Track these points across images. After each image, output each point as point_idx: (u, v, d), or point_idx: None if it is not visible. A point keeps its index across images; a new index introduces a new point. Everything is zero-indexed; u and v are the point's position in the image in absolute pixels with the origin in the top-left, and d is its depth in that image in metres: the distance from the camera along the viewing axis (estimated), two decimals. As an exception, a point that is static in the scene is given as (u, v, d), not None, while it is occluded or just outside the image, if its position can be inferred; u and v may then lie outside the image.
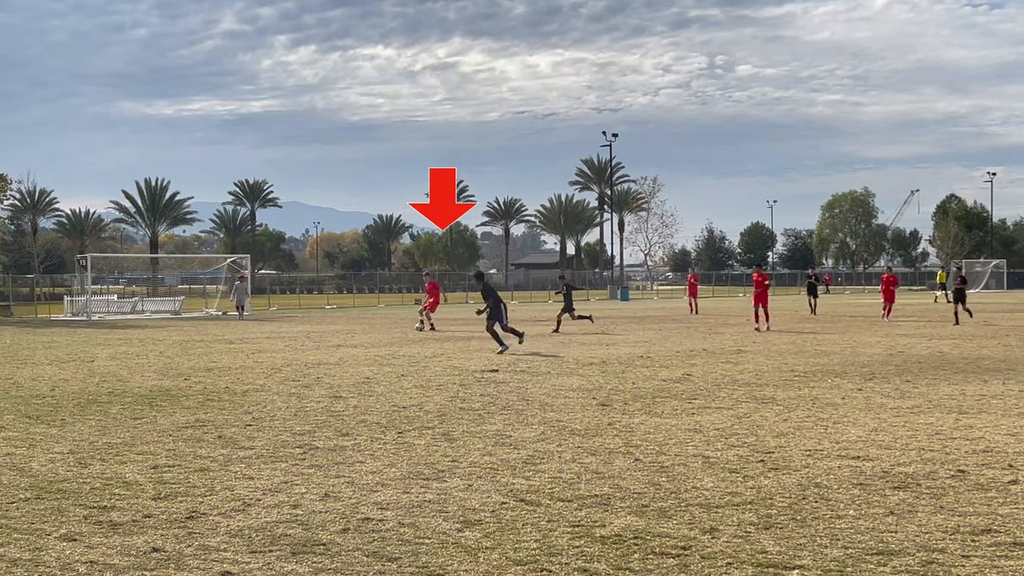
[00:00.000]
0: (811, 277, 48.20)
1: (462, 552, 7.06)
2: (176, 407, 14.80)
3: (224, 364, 22.07)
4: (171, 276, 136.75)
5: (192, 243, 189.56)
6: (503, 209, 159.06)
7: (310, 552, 7.08)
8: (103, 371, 20.60)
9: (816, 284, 47.36)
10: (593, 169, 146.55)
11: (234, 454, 10.87)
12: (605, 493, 8.79)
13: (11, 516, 8.13)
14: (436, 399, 15.45)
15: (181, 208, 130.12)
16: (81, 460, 10.57)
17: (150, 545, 7.25)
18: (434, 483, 9.28)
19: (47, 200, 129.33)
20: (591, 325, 36.00)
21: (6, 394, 16.67)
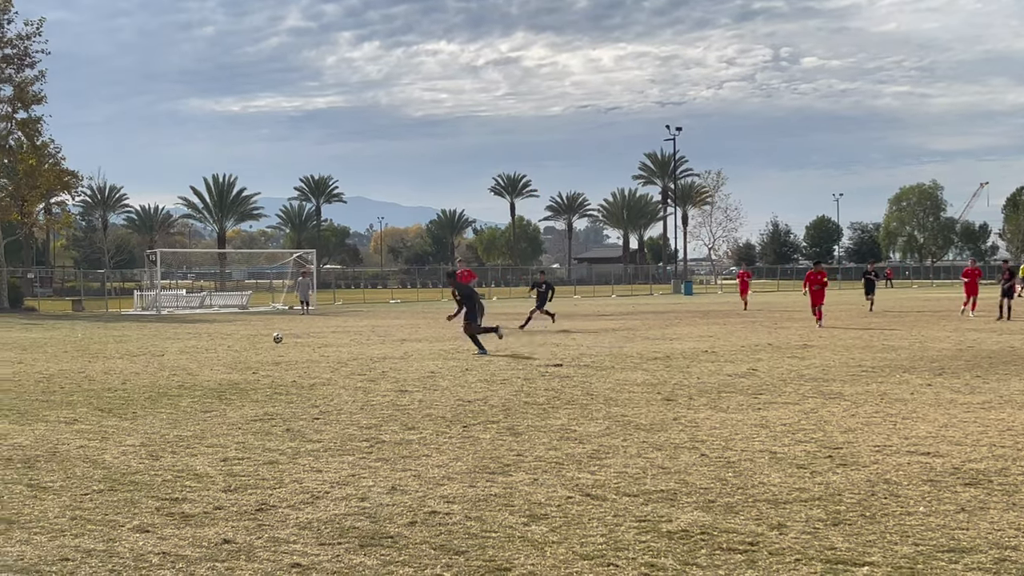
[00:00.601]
0: (869, 273, 46.73)
1: (528, 546, 7.08)
2: (245, 400, 14.99)
3: (291, 358, 22.29)
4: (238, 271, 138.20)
5: (259, 238, 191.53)
6: (566, 203, 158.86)
7: (378, 545, 7.14)
8: (173, 365, 20.90)
9: (874, 280, 46.15)
10: (656, 163, 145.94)
11: (302, 447, 10.98)
12: (671, 488, 8.77)
13: (85, 507, 8.28)
14: (501, 393, 15.50)
15: (248, 204, 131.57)
16: (152, 452, 10.74)
17: (221, 537, 7.36)
18: (500, 477, 9.32)
19: (117, 196, 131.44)
20: (551, 323, 34.99)
21: (79, 387, 16.98)
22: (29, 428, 12.48)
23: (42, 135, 59.29)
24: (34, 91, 57.57)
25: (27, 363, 21.71)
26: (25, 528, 7.62)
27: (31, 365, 21.21)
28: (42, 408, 14.36)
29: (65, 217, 75.43)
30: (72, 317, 48.75)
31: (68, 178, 62.32)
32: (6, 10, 56.30)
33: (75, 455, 10.62)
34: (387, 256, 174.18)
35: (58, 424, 12.80)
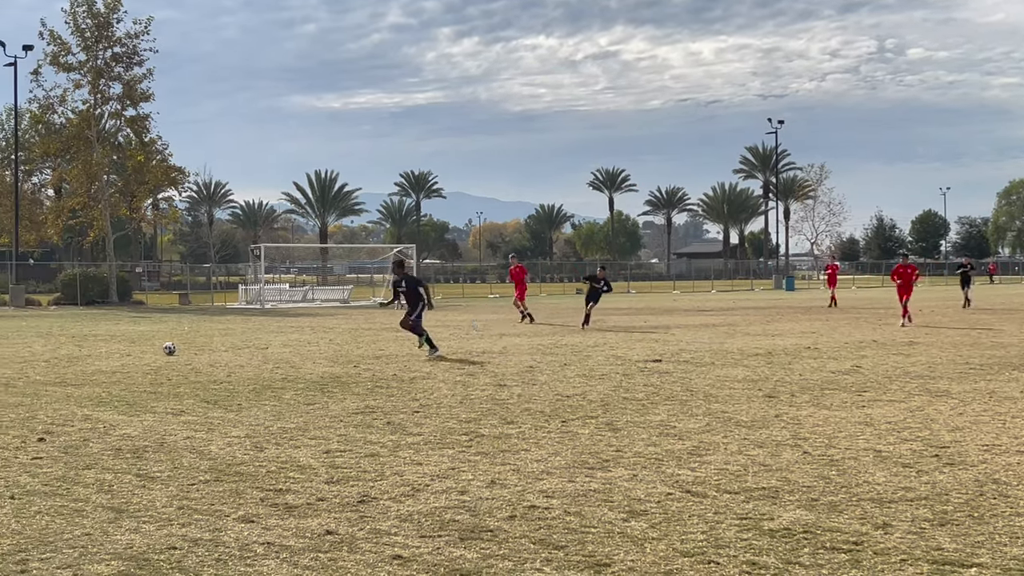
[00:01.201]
0: (965, 266, 45.21)
1: (628, 542, 7.05)
2: (346, 393, 15.17)
3: (391, 352, 22.50)
4: (340, 265, 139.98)
5: (359, 233, 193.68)
6: (665, 198, 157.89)
7: (478, 538, 7.17)
8: (276, 358, 21.23)
9: (970, 274, 44.65)
10: (758, 157, 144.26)
11: (403, 440, 11.08)
12: (773, 486, 8.67)
13: (192, 497, 8.45)
14: (599, 388, 15.46)
15: (349, 199, 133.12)
16: (257, 444, 10.92)
17: (324, 528, 7.46)
18: (599, 472, 9.30)
19: (222, 192, 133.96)
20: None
21: (185, 379, 17.34)
22: (138, 419, 12.78)
23: (150, 132, 60.71)
24: (142, 89, 58.92)
25: (136, 356, 22.24)
26: (134, 517, 7.80)
27: (139, 358, 21.72)
28: (150, 400, 14.70)
29: (172, 212, 77.10)
30: (179, 311, 49.82)
31: (175, 174, 63.70)
32: (115, 9, 57.66)
33: (182, 446, 10.85)
34: (486, 251, 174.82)
35: (166, 415, 13.09)
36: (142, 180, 61.54)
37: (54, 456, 10.29)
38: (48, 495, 8.53)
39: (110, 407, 13.91)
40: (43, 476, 9.31)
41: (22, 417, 12.98)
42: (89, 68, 57.59)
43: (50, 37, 57.05)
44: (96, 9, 57.18)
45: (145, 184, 62.44)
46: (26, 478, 9.22)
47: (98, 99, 58.73)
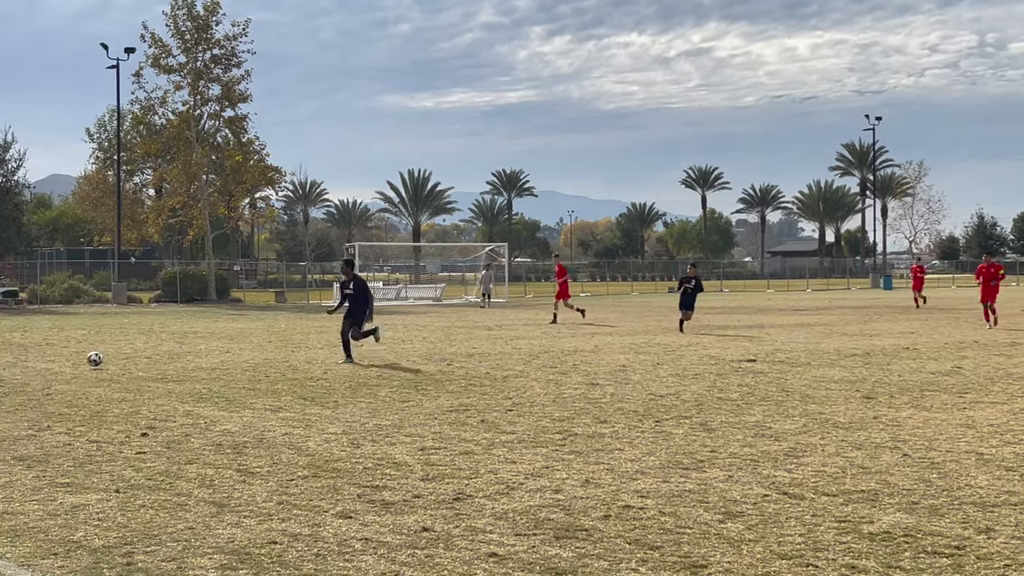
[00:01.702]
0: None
1: (724, 543, 7.01)
2: (440, 391, 15.28)
3: (484, 350, 22.60)
4: (432, 264, 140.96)
5: (452, 232, 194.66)
6: (759, 196, 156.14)
7: (573, 537, 7.18)
8: (371, 356, 21.43)
9: None
10: (854, 153, 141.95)
11: (496, 438, 11.13)
12: (872, 489, 8.55)
13: (291, 493, 8.59)
14: (693, 388, 15.37)
15: (442, 198, 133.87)
16: (353, 441, 11.06)
17: (420, 525, 7.53)
18: (694, 473, 9.25)
19: (317, 191, 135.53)
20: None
21: (283, 376, 17.60)
22: (237, 415, 13.02)
23: (248, 132, 61.65)
24: (240, 90, 59.85)
25: (234, 352, 22.63)
26: (235, 511, 7.95)
27: (238, 355, 22.10)
28: (249, 396, 14.95)
29: (269, 211, 78.26)
30: (275, 308, 50.56)
31: (272, 174, 64.69)
32: (215, 12, 58.68)
33: (281, 442, 11.03)
34: (577, 249, 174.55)
35: (264, 412, 13.31)
36: (240, 180, 62.56)
37: (157, 451, 10.53)
38: (152, 489, 8.73)
39: (210, 403, 14.18)
40: (147, 470, 9.53)
41: (126, 412, 13.30)
42: (189, 70, 58.69)
43: (151, 40, 58.24)
44: (196, 12, 58.26)
45: (243, 184, 63.46)
46: (130, 472, 9.45)
47: (198, 100, 59.83)
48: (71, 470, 9.57)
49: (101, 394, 15.21)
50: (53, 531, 7.41)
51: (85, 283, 58.31)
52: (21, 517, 7.80)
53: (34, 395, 15.15)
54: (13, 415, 13.11)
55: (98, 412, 13.33)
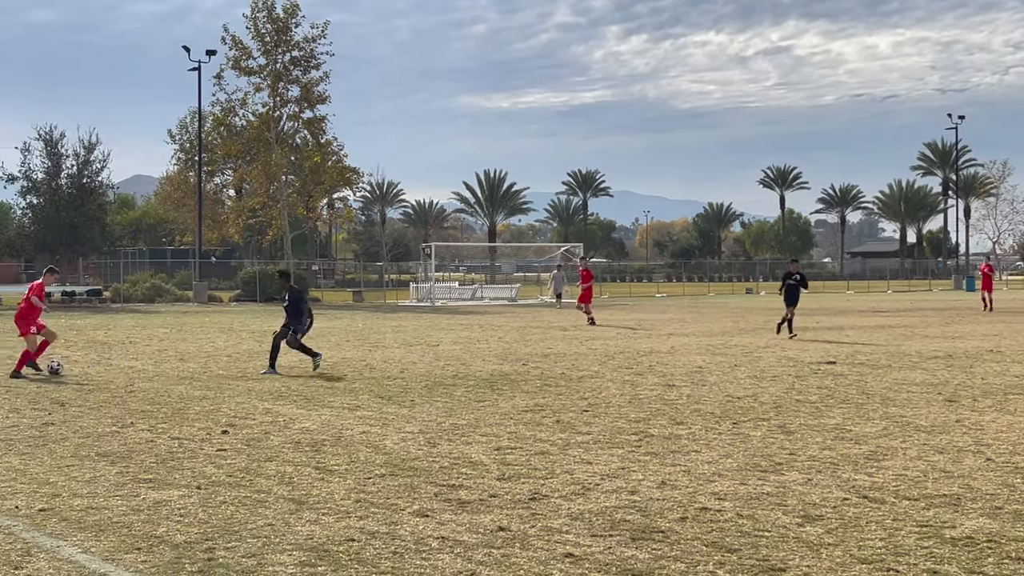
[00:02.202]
0: None
1: (803, 547, 6.94)
2: (516, 391, 15.30)
3: (559, 350, 22.58)
4: (507, 264, 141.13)
5: (527, 232, 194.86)
6: (838, 196, 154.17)
7: (649, 539, 7.15)
8: (447, 355, 21.54)
9: None
10: (936, 153, 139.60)
11: (572, 438, 11.12)
12: (954, 493, 8.40)
13: (368, 491, 8.66)
14: (771, 390, 15.23)
15: (517, 198, 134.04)
16: (430, 440, 11.11)
17: (496, 524, 7.55)
18: (772, 476, 9.17)
19: (394, 192, 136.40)
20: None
21: (360, 375, 17.75)
22: (316, 413, 13.15)
23: (326, 134, 62.23)
24: (319, 91, 60.43)
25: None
26: (314, 509, 8.03)
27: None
28: (327, 394, 15.10)
29: (347, 212, 78.92)
30: (353, 308, 50.98)
31: (350, 175, 65.22)
32: (294, 14, 59.31)
33: (358, 440, 11.12)
34: (652, 250, 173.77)
35: (342, 410, 13.43)
36: (318, 180, 63.16)
37: (237, 448, 10.68)
38: (232, 486, 8.85)
39: (289, 401, 14.34)
40: (227, 467, 9.67)
41: (207, 410, 13.50)
42: (269, 72, 59.39)
43: (232, 42, 59.04)
44: (276, 14, 58.94)
45: (321, 184, 64.06)
46: (211, 469, 9.59)
47: (277, 102, 60.53)
48: (154, 466, 9.74)
49: (183, 392, 15.46)
50: (136, 526, 7.55)
51: (167, 282, 59.30)
52: (105, 512, 7.96)
53: (118, 392, 15.44)
54: (97, 412, 13.38)
55: (180, 409, 13.55)
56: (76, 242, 58.88)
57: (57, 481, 9.07)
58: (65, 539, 7.22)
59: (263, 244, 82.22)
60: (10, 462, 9.98)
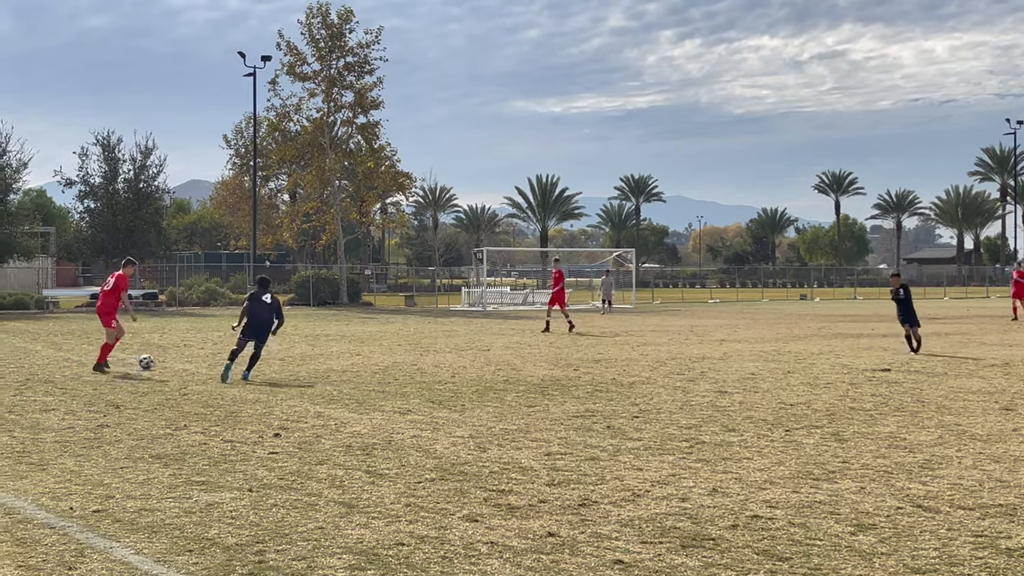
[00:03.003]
0: None
1: (856, 556, 6.86)
2: (567, 397, 15.27)
3: (611, 356, 22.52)
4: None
5: (579, 237, 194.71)
6: (894, 201, 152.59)
7: (699, 546, 7.11)
8: (498, 360, 21.56)
9: None
10: (994, 158, 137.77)
11: (623, 444, 11.08)
12: (1011, 503, 8.27)
13: (419, 495, 8.67)
14: (824, 397, 15.09)
15: (569, 203, 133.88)
16: (480, 444, 11.12)
17: (546, 530, 7.53)
18: (824, 484, 9.08)
19: (447, 196, 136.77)
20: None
21: (411, 379, 17.80)
22: (367, 417, 13.20)
23: (379, 139, 62.58)
24: (373, 96, 60.77)
25: (364, 355, 22.96)
26: (364, 512, 8.06)
27: (368, 357, 22.41)
28: (378, 398, 15.15)
29: (400, 216, 79.42)
30: (404, 312, 51.15)
31: (403, 180, 65.53)
32: (348, 20, 59.70)
33: (409, 444, 11.15)
34: (706, 255, 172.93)
35: (393, 414, 13.47)
36: (372, 185, 63.56)
37: (289, 451, 10.74)
38: (283, 489, 8.91)
39: (341, 405, 14.41)
40: (278, 470, 9.73)
41: (259, 413, 13.60)
42: (323, 77, 59.82)
43: (287, 48, 59.55)
44: (330, 20, 59.36)
45: (374, 189, 64.47)
46: (263, 472, 9.65)
47: (331, 107, 60.95)
48: (206, 469, 9.82)
49: (236, 395, 15.58)
50: (188, 528, 7.61)
51: (222, 286, 59.82)
52: (158, 514, 8.03)
53: (171, 395, 15.60)
54: (151, 414, 13.52)
55: (232, 412, 13.66)
56: (132, 246, 59.39)
57: (111, 483, 9.18)
58: (118, 540, 7.30)
59: (317, 248, 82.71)
60: (65, 464, 10.11)
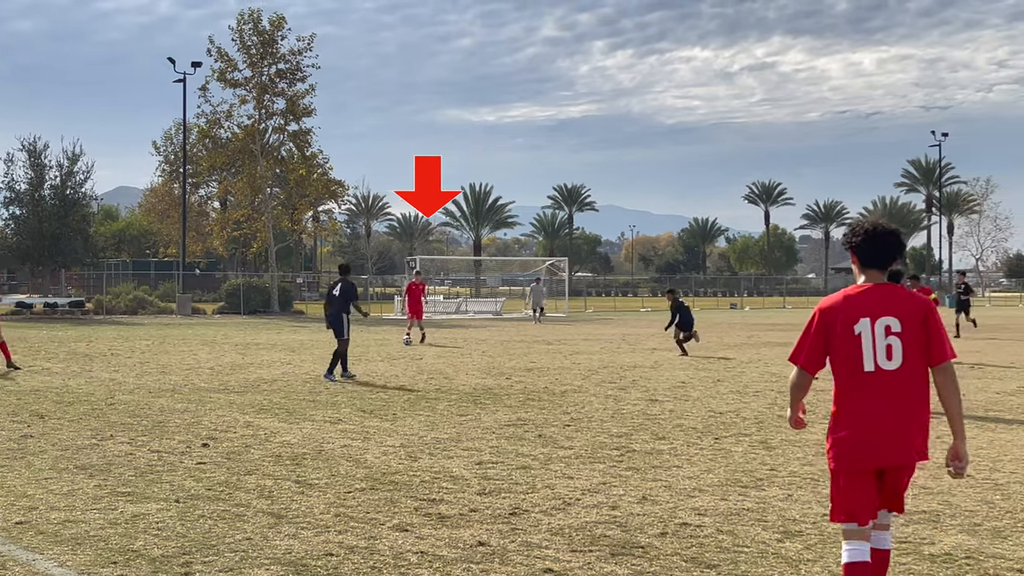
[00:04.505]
0: None
1: (783, 563, 6.93)
2: (499, 405, 15.27)
3: (543, 364, 22.57)
4: (492, 278, 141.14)
5: (512, 246, 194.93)
6: (822, 212, 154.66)
7: (629, 554, 7.14)
8: (431, 369, 21.51)
9: None
10: (920, 170, 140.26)
11: (554, 453, 11.11)
12: (934, 509, 8.42)
13: (348, 505, 8.62)
14: (753, 406, 15.24)
15: (503, 212, 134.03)
16: (411, 454, 11.08)
17: (476, 539, 7.52)
18: (752, 491, 9.17)
19: (380, 204, 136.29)
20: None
21: (343, 388, 17.70)
22: (297, 427, 13.10)
23: (311, 146, 62.20)
24: (305, 104, 60.40)
25: (295, 364, 22.79)
26: (293, 523, 8.00)
27: (299, 366, 22.25)
28: (309, 408, 15.05)
29: (332, 224, 78.94)
30: (336, 320, 50.83)
31: (335, 187, 65.26)
32: (280, 27, 59.31)
33: (339, 454, 11.08)
34: (638, 264, 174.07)
35: (324, 424, 13.39)
36: (304, 193, 63.17)
37: (217, 461, 10.63)
38: (211, 499, 8.81)
39: (271, 414, 14.29)
40: (206, 481, 9.62)
41: (187, 423, 13.44)
42: (254, 84, 59.36)
43: (218, 54, 58.99)
44: (262, 27, 58.94)
45: (306, 197, 64.09)
46: (191, 482, 9.54)
47: (262, 114, 60.49)
48: (132, 479, 9.69)
49: (163, 404, 15.39)
50: (113, 540, 7.50)
51: (150, 294, 59.10)
52: (83, 525, 7.90)
53: (98, 405, 15.37)
54: (77, 424, 13.31)
55: (160, 422, 13.49)
56: (59, 253, 58.62)
57: (35, 494, 9.01)
58: (41, 552, 7.17)
59: (248, 256, 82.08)
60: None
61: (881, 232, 5.56)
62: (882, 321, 5.42)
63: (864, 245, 5.57)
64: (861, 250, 5.59)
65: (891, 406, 5.42)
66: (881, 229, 5.58)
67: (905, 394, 5.42)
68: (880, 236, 5.56)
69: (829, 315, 5.60)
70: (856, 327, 5.47)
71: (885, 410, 5.42)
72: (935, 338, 5.43)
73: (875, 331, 5.43)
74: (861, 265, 5.62)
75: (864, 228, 5.61)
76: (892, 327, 5.41)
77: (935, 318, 5.49)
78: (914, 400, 5.45)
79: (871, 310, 5.48)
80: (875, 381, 5.44)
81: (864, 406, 5.46)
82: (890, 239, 5.56)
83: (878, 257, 5.58)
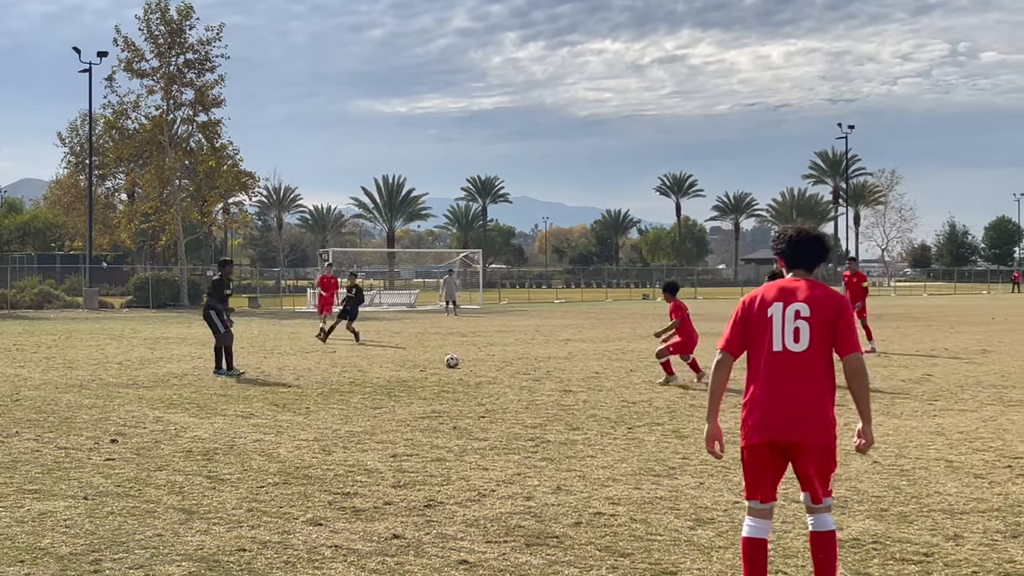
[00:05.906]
0: None
1: (695, 550, 7.02)
2: (413, 398, 15.24)
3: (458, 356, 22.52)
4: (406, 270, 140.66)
5: (426, 238, 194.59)
6: (732, 203, 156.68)
7: (543, 544, 7.18)
8: (344, 362, 21.39)
9: None
10: (827, 162, 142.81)
11: (469, 445, 11.12)
12: (842, 496, 8.57)
13: (261, 500, 8.55)
14: (665, 395, 15.40)
15: (416, 204, 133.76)
16: (325, 447, 11.02)
17: (391, 532, 7.51)
18: (665, 480, 9.27)
19: (292, 197, 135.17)
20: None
21: (255, 382, 17.52)
22: (208, 422, 12.95)
23: (221, 137, 61.45)
24: (214, 95, 59.67)
25: (206, 359, 22.49)
26: (204, 519, 7.91)
27: (209, 361, 21.93)
28: (220, 402, 14.88)
29: (242, 217, 77.97)
30: (248, 314, 50.34)
31: (245, 179, 64.43)
32: (188, 16, 58.47)
33: (251, 448, 10.98)
34: (551, 256, 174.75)
35: (235, 418, 13.25)
36: (213, 185, 62.33)
37: (126, 457, 10.47)
38: (120, 496, 8.67)
39: (181, 409, 14.11)
40: (115, 477, 9.47)
41: (95, 419, 13.21)
42: (162, 74, 58.46)
43: (124, 44, 58.00)
44: (169, 16, 58.05)
45: (216, 189, 63.22)
46: (99, 479, 9.38)
47: (171, 105, 59.62)
48: (39, 476, 9.50)
49: (71, 400, 15.11)
50: (20, 538, 7.35)
51: (56, 288, 57.92)
52: (-13, 524, 7.73)
53: (3, 401, 15.03)
54: (-19, 421, 13.00)
55: (67, 418, 13.23)
56: (-40, 247, 57.19)
57: (-63, 493, 8.79)
58: (-56, 553, 7.00)
59: (156, 249, 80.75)
60: None
61: (804, 237, 5.90)
62: (793, 307, 5.69)
63: (789, 251, 5.92)
64: (787, 255, 5.93)
65: (793, 385, 5.62)
66: (804, 234, 5.92)
67: (808, 375, 5.62)
68: (803, 241, 5.89)
69: (750, 302, 5.88)
70: (769, 310, 5.76)
71: (786, 388, 5.62)
72: (844, 332, 5.65)
73: (785, 314, 5.68)
74: (787, 268, 5.96)
75: (788, 235, 5.96)
76: (802, 312, 5.66)
77: (848, 313, 5.73)
78: (816, 382, 5.64)
79: (786, 297, 5.75)
80: (781, 361, 5.66)
81: (768, 384, 5.70)
82: (811, 243, 5.90)
83: (802, 261, 5.90)
